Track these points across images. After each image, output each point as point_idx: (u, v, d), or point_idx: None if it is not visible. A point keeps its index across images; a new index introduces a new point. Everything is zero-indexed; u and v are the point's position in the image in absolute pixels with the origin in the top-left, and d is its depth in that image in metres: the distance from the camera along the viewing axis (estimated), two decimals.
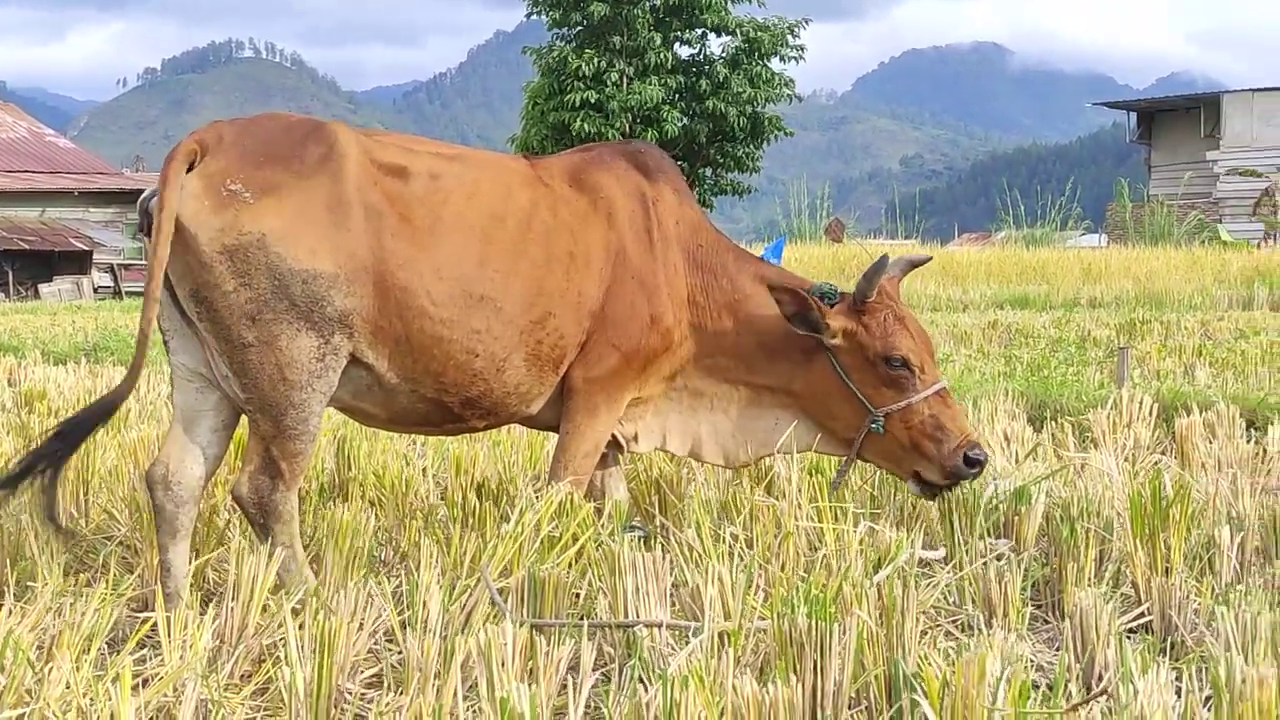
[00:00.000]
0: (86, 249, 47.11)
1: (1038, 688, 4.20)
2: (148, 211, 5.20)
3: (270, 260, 5.12)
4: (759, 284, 6.06)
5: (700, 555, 5.16)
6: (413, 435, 7.84)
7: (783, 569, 5.33)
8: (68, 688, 3.94)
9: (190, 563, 5.35)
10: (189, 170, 5.18)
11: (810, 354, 5.97)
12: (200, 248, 5.10)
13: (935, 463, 5.84)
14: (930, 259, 6.43)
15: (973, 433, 5.94)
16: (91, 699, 3.88)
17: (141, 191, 5.30)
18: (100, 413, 5.37)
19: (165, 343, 5.45)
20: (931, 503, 6.07)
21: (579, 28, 40.47)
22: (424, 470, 7.31)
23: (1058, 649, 4.90)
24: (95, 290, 46.26)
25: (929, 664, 3.83)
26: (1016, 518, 6.02)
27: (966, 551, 5.61)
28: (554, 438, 6.03)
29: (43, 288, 45.74)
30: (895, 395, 5.87)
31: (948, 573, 5.42)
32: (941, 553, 5.64)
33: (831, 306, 5.92)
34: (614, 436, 6.05)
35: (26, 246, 46.21)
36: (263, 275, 5.12)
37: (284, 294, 5.14)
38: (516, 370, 5.64)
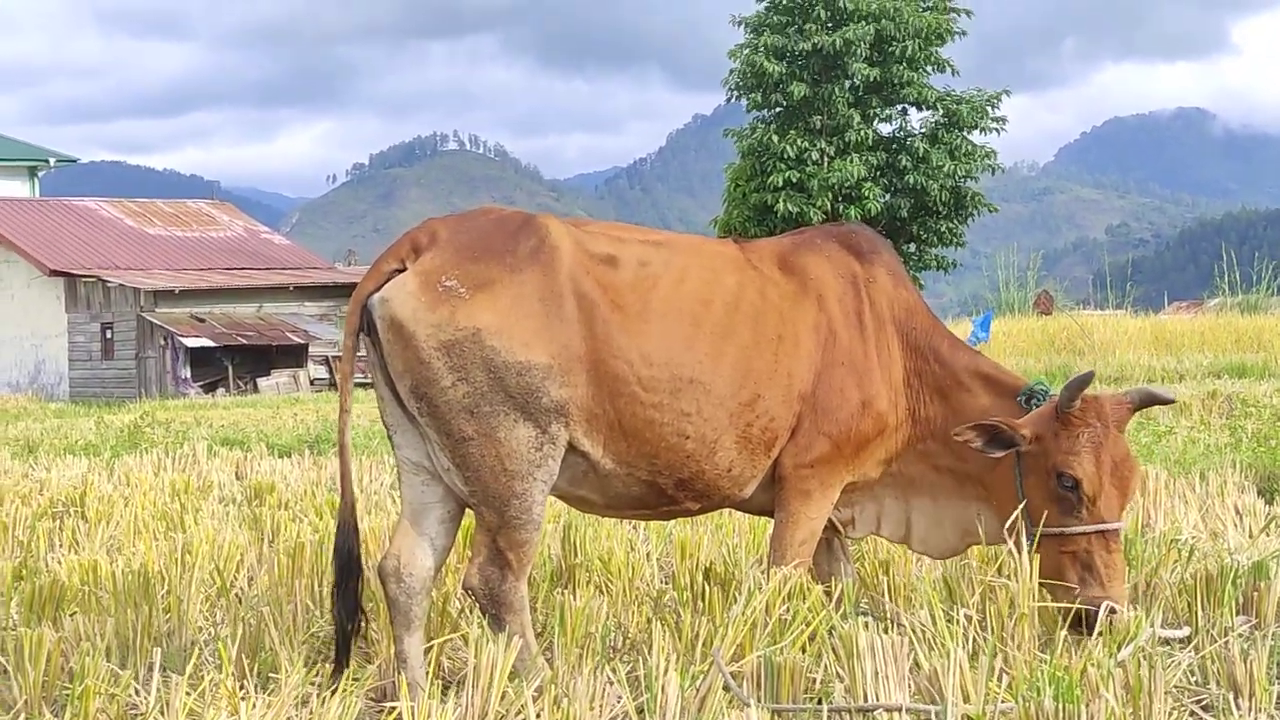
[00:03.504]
0: (302, 342, 48.10)
1: None
2: (368, 309, 5.32)
3: (485, 354, 5.20)
4: (971, 376, 5.96)
5: (935, 638, 5.10)
6: (631, 520, 7.87)
7: (1019, 649, 5.24)
8: None
9: (425, 652, 5.42)
10: (403, 270, 5.30)
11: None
12: (418, 344, 5.20)
13: (1065, 598, 5.54)
14: (1174, 400, 6.24)
15: (1122, 598, 5.53)
16: None
17: (355, 285, 5.44)
18: (346, 545, 5.51)
19: (390, 437, 5.55)
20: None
21: (778, 109, 40.58)
22: (648, 555, 7.33)
23: None
24: (311, 383, 47.13)
25: None
26: (1256, 594, 5.86)
27: (1208, 630, 5.48)
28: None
29: (261, 381, 46.75)
30: (1056, 517, 5.62)
31: (1188, 652, 5.29)
32: (1185, 631, 5.49)
33: (1041, 403, 5.78)
34: (830, 521, 5.98)
35: (245, 341, 47.32)
36: (479, 369, 5.20)
37: (500, 386, 5.22)
38: (728, 452, 5.64)
